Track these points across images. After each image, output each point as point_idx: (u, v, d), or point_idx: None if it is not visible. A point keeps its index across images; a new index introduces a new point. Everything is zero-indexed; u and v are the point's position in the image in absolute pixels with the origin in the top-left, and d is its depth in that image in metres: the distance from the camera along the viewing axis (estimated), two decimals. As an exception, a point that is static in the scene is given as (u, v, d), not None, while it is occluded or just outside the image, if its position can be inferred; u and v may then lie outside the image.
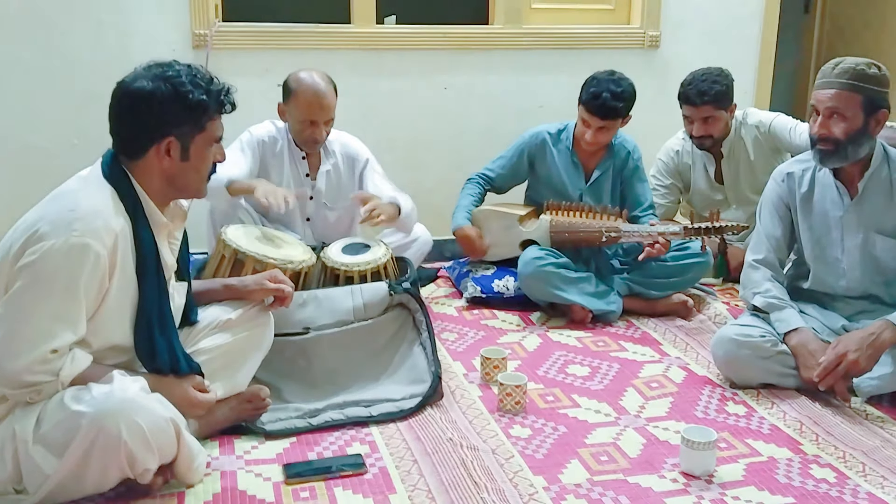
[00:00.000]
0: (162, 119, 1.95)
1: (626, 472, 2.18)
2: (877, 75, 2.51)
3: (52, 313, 1.85)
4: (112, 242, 1.90)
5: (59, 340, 1.85)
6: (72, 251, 1.84)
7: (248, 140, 3.09)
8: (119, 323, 1.99)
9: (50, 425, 1.84)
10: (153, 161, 1.98)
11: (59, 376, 1.86)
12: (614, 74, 3.23)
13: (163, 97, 1.94)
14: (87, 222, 1.87)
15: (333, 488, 2.08)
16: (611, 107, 3.16)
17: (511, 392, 2.46)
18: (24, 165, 3.48)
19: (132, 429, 1.81)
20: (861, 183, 2.62)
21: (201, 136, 2.02)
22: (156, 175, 2.00)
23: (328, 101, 2.99)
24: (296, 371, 2.55)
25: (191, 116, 1.98)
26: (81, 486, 1.89)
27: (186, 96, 1.95)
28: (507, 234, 3.40)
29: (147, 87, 1.94)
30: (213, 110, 2.01)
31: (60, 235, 1.84)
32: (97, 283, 1.89)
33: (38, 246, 1.84)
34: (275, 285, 2.34)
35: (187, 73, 1.98)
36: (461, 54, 3.92)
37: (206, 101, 1.98)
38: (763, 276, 2.73)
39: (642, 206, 3.37)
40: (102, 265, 1.88)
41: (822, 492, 2.09)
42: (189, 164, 2.02)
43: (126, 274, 1.96)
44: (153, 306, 2.01)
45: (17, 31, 3.41)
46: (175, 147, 1.98)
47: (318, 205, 3.22)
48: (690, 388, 2.67)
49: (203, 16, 3.57)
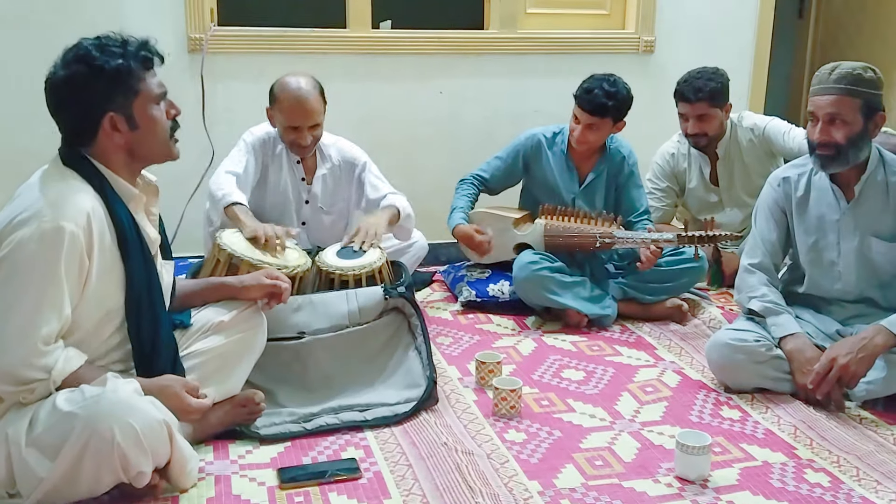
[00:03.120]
0: (91, 100, 1.92)
1: (620, 476, 2.18)
2: (873, 79, 2.52)
3: (36, 301, 1.84)
4: (85, 221, 1.88)
5: (46, 327, 1.84)
6: (45, 236, 1.83)
7: (250, 142, 3.09)
8: (107, 301, 1.98)
9: (43, 428, 1.83)
10: (106, 141, 1.97)
11: (52, 374, 1.86)
12: (612, 76, 3.24)
13: (81, 78, 1.90)
14: (56, 207, 1.86)
15: (328, 493, 2.07)
16: (600, 103, 3.16)
17: (506, 396, 2.46)
18: (17, 169, 3.42)
19: (125, 430, 1.80)
20: (858, 186, 2.63)
21: (139, 100, 1.97)
22: (114, 152, 1.98)
23: (311, 107, 2.97)
24: (290, 375, 2.54)
25: (117, 86, 1.93)
26: (75, 489, 1.87)
27: (102, 68, 1.90)
28: (502, 237, 3.40)
29: (63, 75, 1.92)
30: (137, 71, 1.95)
31: (31, 224, 1.83)
32: (77, 263, 1.87)
33: (10, 238, 1.84)
34: (271, 281, 2.34)
35: (95, 45, 1.93)
36: (456, 59, 3.93)
37: (124, 64, 1.92)
38: (759, 281, 2.74)
39: (637, 211, 3.37)
40: (79, 244, 1.86)
41: (816, 496, 2.10)
42: (141, 130, 1.98)
43: (106, 252, 1.94)
44: (142, 280, 2.01)
45: (11, 34, 3.41)
46: (119, 121, 1.95)
47: (314, 209, 3.22)
48: (685, 393, 2.67)
49: (198, 19, 3.57)
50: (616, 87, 3.19)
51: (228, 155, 3.08)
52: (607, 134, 3.29)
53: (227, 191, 2.89)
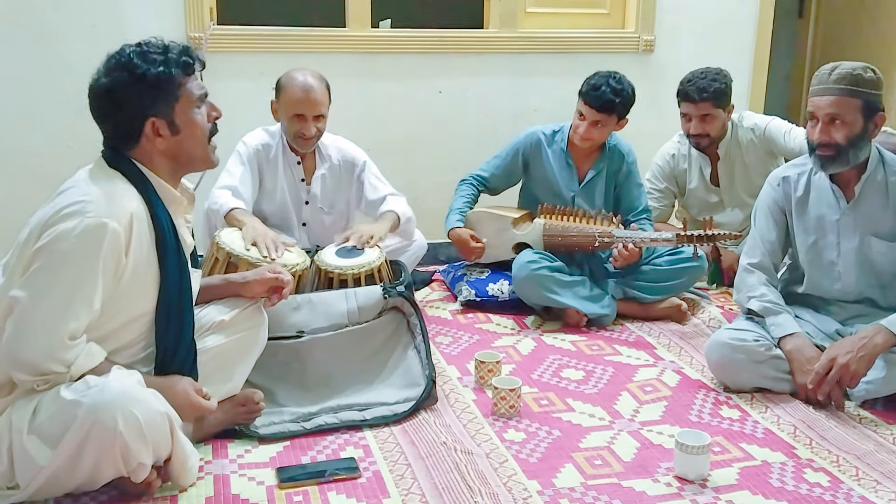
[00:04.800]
0: (133, 106, 1.96)
1: (620, 476, 2.18)
2: (873, 79, 2.52)
3: (68, 295, 1.86)
4: (128, 220, 1.91)
5: (75, 322, 1.86)
6: (87, 231, 1.85)
7: (245, 152, 3.09)
8: (138, 303, 2.00)
9: (45, 415, 1.84)
10: (148, 146, 2.00)
11: (71, 369, 1.87)
12: (617, 74, 3.25)
13: (123, 86, 1.94)
14: (101, 205, 1.89)
15: (327, 492, 2.07)
16: (608, 100, 3.18)
17: (505, 396, 2.46)
18: (19, 169, 3.47)
19: (128, 419, 1.81)
20: (858, 186, 2.63)
21: (180, 104, 2.00)
22: (157, 156, 2.02)
23: (316, 96, 2.99)
24: (290, 375, 2.54)
25: (159, 92, 1.96)
26: (74, 480, 1.88)
27: (144, 76, 1.94)
28: (501, 236, 3.40)
29: (106, 83, 1.95)
30: (178, 76, 1.99)
31: (75, 218, 1.86)
32: (114, 262, 1.90)
33: (52, 229, 1.86)
34: (273, 275, 2.35)
35: (137, 52, 1.96)
36: (456, 58, 3.92)
37: (165, 72, 1.96)
38: (758, 280, 2.74)
39: (636, 210, 3.37)
40: (119, 243, 1.89)
41: (815, 496, 2.09)
42: (182, 135, 2.02)
43: (143, 254, 1.97)
44: (175, 284, 2.04)
45: (11, 34, 3.40)
46: (161, 125, 1.98)
47: (314, 209, 3.22)
48: (684, 392, 2.67)
49: (198, 19, 3.56)
50: (622, 85, 3.21)
51: (225, 168, 3.06)
52: (611, 131, 3.30)
53: (223, 201, 2.93)
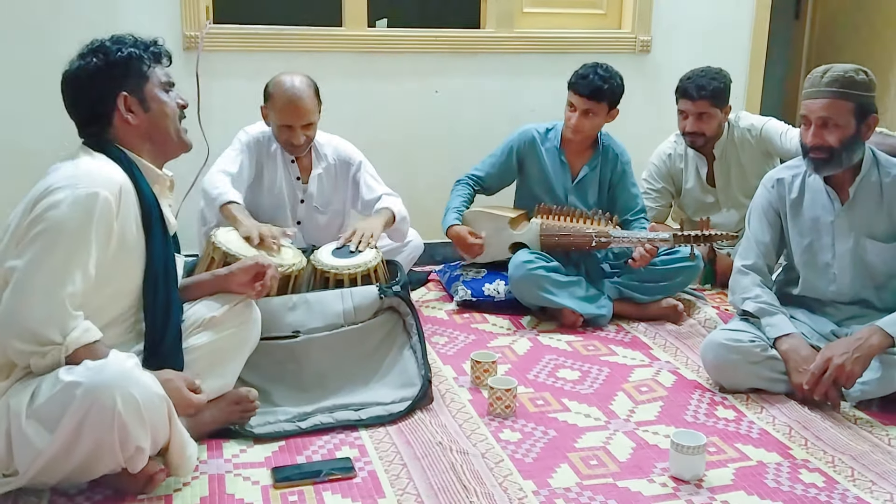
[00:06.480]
0: (104, 83, 2.05)
1: (615, 476, 2.18)
2: (865, 81, 2.52)
3: (64, 261, 1.89)
4: (117, 190, 1.97)
5: (72, 286, 1.88)
6: (78, 200, 1.90)
7: (245, 141, 3.09)
8: (122, 279, 2.03)
9: (44, 398, 1.84)
10: (123, 125, 2.07)
11: (66, 340, 1.87)
12: (604, 64, 3.28)
13: (95, 65, 2.04)
14: (91, 177, 1.95)
15: (322, 492, 2.07)
16: (597, 86, 3.19)
17: (501, 396, 2.46)
18: (14, 167, 3.45)
19: (127, 400, 1.82)
20: (852, 188, 2.63)
21: (149, 85, 2.09)
22: (134, 138, 2.09)
23: (304, 106, 2.97)
24: (285, 374, 2.54)
25: (128, 69, 2.06)
26: (71, 464, 1.87)
27: (116, 54, 2.05)
28: (498, 236, 3.40)
29: (78, 65, 2.06)
30: (147, 59, 2.09)
31: (66, 190, 1.91)
32: (106, 228, 1.95)
33: (44, 201, 1.91)
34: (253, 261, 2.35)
35: (109, 39, 2.08)
36: (453, 58, 3.92)
37: (134, 51, 2.07)
38: (752, 282, 2.74)
39: (633, 210, 3.38)
40: (111, 209, 1.95)
41: (810, 496, 2.10)
42: (153, 113, 2.10)
43: (131, 225, 2.02)
44: (160, 259, 2.08)
45: (6, 32, 3.39)
46: (132, 101, 2.07)
47: (309, 208, 3.22)
48: (680, 393, 2.67)
49: (194, 17, 3.56)
50: (609, 73, 3.24)
51: (223, 154, 3.08)
52: (602, 122, 3.30)
53: (221, 190, 2.89)
